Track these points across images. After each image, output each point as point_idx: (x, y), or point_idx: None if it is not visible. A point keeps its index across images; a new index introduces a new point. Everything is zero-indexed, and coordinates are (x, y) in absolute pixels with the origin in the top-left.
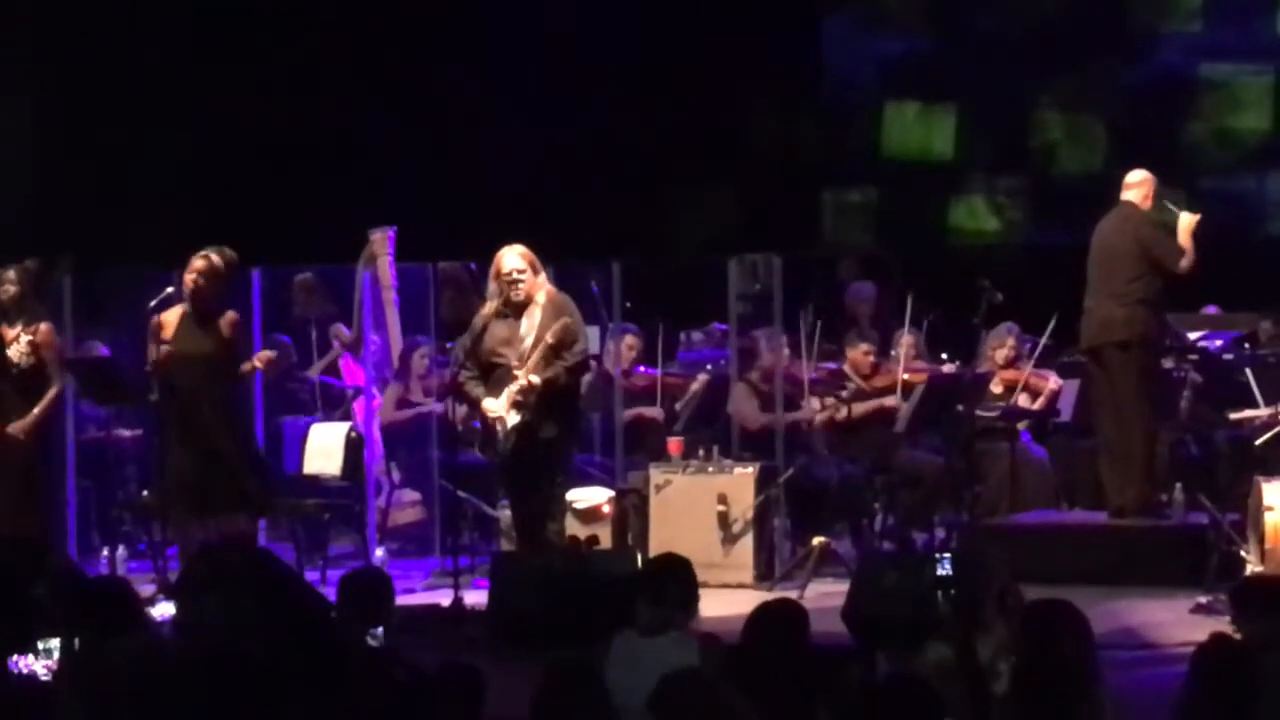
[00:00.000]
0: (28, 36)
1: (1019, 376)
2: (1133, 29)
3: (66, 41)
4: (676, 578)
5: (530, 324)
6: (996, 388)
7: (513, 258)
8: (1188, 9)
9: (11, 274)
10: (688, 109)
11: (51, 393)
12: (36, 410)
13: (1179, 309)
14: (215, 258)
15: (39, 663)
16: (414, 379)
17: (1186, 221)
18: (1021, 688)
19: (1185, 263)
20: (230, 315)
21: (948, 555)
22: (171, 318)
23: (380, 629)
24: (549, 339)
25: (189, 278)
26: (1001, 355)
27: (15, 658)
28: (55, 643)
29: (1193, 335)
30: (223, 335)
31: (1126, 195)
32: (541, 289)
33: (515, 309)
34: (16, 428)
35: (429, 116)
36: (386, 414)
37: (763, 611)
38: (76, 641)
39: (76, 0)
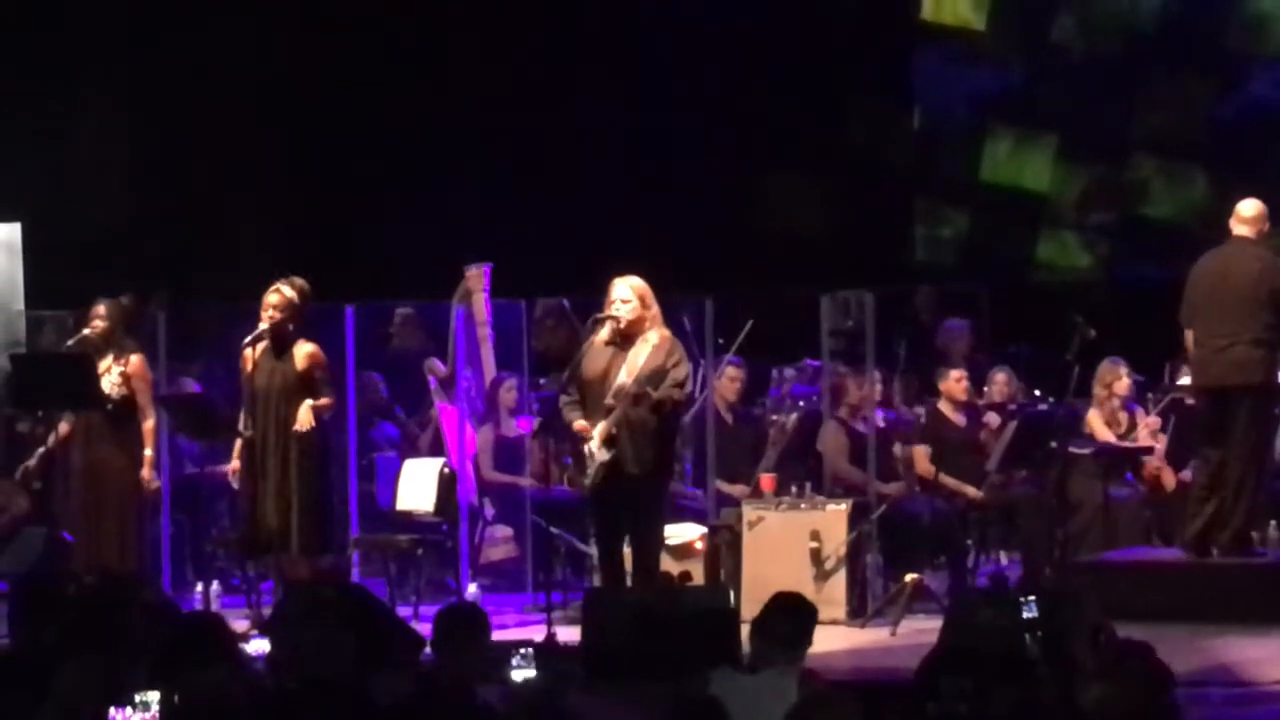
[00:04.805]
0: (125, 71)
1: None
2: (1228, 58)
3: (162, 77)
4: (796, 618)
5: (634, 361)
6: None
7: (622, 286)
8: None
9: (101, 309)
10: (780, 143)
11: (149, 425)
12: (149, 450)
13: None
14: (288, 290)
15: (136, 716)
16: (504, 414)
17: None
18: None
19: None
20: (308, 349)
21: (1034, 598)
22: (256, 352)
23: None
24: (656, 374)
25: (265, 314)
26: (1123, 387)
27: (113, 711)
28: (154, 695)
29: None
30: (298, 369)
31: (1241, 230)
32: (654, 328)
33: (623, 340)
34: (146, 474)
35: (524, 152)
36: (486, 468)
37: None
38: (176, 697)
39: (173, 37)
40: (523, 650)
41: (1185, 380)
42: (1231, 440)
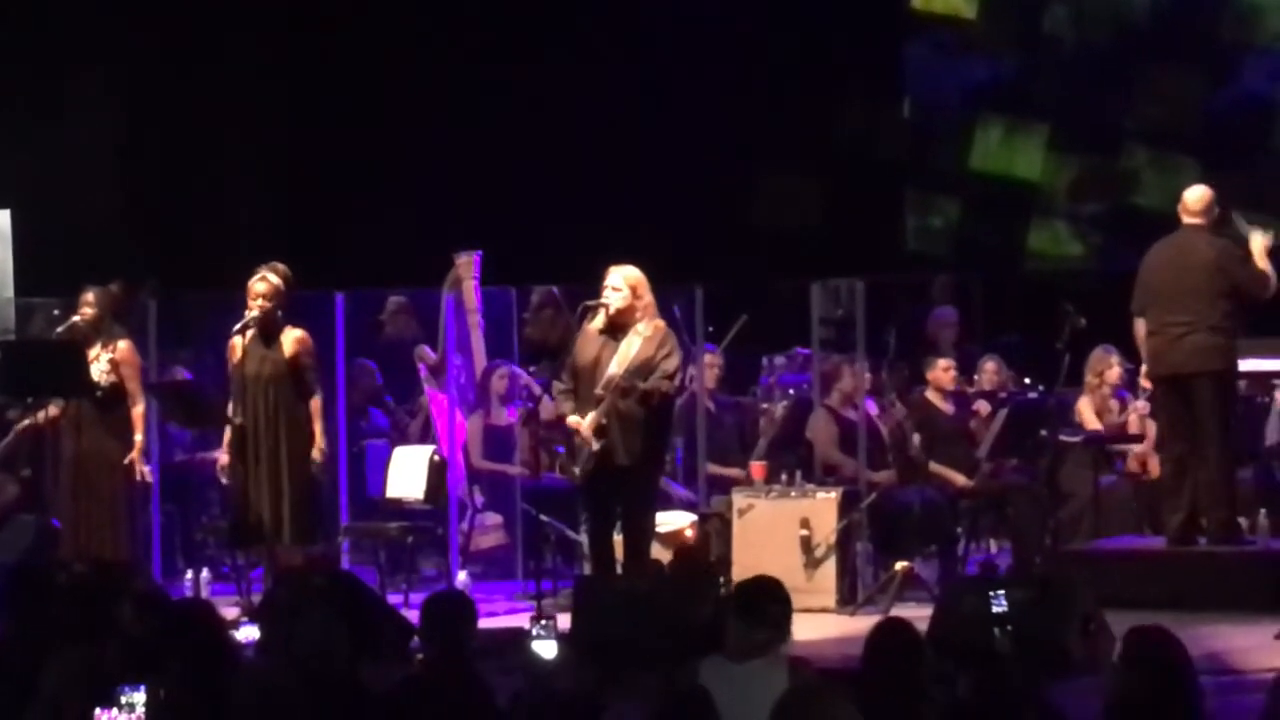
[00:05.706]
0: (118, 59)
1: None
2: (1220, 49)
3: (154, 65)
4: (772, 600)
5: (626, 352)
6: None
7: (614, 275)
8: (1273, 29)
9: (90, 296)
10: (772, 133)
11: (138, 411)
12: (138, 435)
13: (1262, 335)
14: (274, 277)
15: (122, 716)
16: (494, 402)
17: (1259, 244)
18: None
19: (1273, 286)
20: (296, 334)
21: (1001, 592)
22: (245, 340)
23: None
24: (645, 366)
25: (254, 302)
26: (1114, 375)
27: (99, 711)
28: (139, 696)
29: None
30: (286, 355)
31: (1190, 219)
32: (646, 318)
33: (614, 330)
34: (134, 458)
35: (514, 140)
36: (475, 456)
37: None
38: (161, 693)
39: (166, 24)
40: (543, 622)
41: None
42: (1199, 431)
